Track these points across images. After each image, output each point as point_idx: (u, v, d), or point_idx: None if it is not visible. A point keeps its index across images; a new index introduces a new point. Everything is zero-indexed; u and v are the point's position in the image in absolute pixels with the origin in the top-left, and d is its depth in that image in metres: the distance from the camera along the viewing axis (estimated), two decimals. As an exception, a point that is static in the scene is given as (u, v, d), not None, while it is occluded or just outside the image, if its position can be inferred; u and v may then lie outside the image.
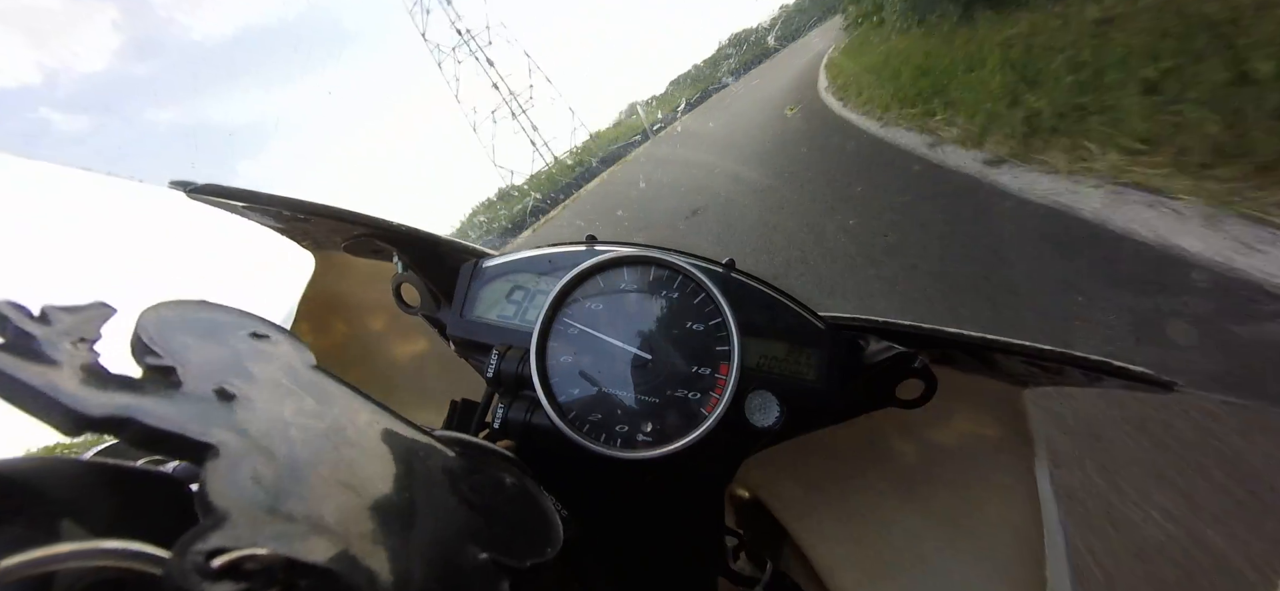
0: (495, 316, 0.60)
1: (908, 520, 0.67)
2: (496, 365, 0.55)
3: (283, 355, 0.29)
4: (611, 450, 0.50)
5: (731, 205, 5.80)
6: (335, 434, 0.26)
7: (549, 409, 0.51)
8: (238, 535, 0.18)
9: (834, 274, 3.29)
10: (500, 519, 0.28)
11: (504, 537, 0.27)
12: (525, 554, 0.27)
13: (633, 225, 7.43)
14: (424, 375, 0.90)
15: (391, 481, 0.25)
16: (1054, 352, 0.50)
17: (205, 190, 0.59)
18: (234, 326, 0.29)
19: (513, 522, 0.28)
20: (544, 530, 0.30)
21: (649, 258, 0.57)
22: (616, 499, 0.55)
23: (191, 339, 0.26)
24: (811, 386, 0.54)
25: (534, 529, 0.29)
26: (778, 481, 0.78)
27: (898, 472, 0.69)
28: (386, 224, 0.64)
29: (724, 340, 0.53)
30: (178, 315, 0.27)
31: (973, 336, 0.52)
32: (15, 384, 0.19)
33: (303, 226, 0.69)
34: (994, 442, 0.62)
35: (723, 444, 0.53)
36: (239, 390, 0.25)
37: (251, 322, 0.30)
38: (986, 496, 0.61)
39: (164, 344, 0.25)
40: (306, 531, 0.20)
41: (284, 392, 0.26)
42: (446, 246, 0.68)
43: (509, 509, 0.29)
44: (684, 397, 0.52)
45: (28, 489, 0.20)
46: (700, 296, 0.55)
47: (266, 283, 14.86)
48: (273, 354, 0.29)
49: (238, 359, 0.27)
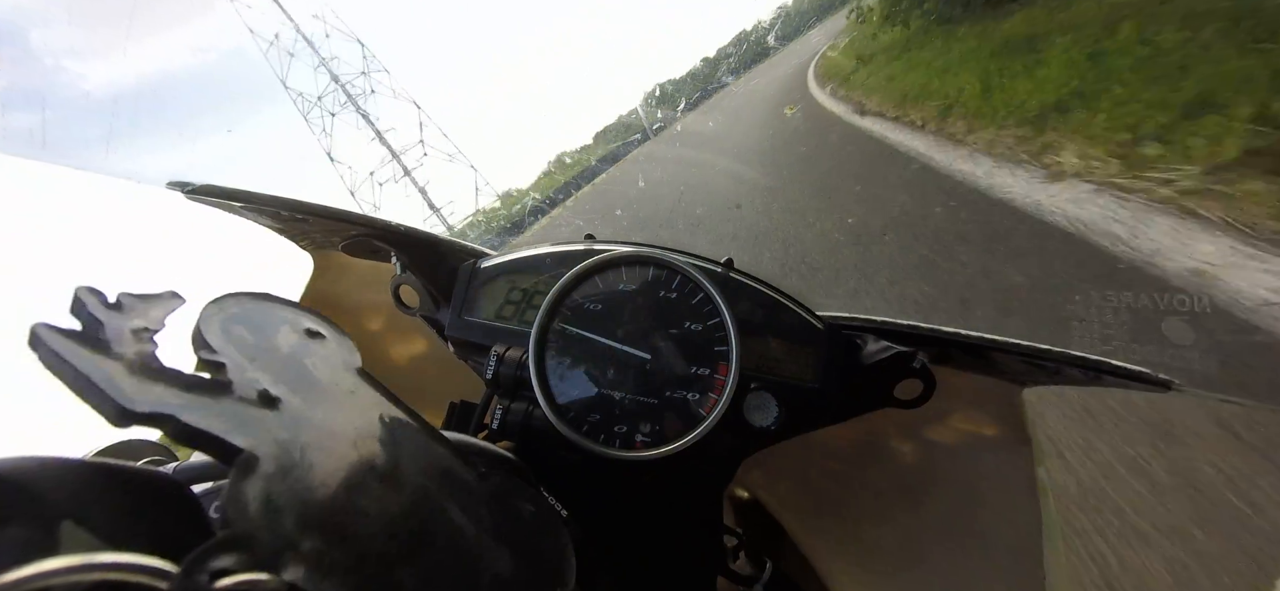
0: (494, 317, 0.60)
1: (906, 519, 0.67)
2: (495, 366, 0.55)
3: (331, 355, 0.30)
4: (610, 450, 0.50)
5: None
6: (365, 446, 0.26)
7: (548, 409, 0.51)
8: (251, 553, 0.18)
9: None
10: (519, 551, 0.28)
11: (522, 574, 0.27)
12: (540, 589, 0.27)
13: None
14: (423, 376, 0.90)
15: (415, 503, 0.25)
16: (1052, 352, 0.50)
17: (203, 190, 0.59)
18: (290, 322, 0.30)
19: (531, 556, 0.28)
20: (561, 567, 0.30)
21: (647, 257, 0.57)
22: (616, 499, 0.55)
23: (247, 334, 0.27)
24: (810, 386, 0.54)
25: (551, 566, 0.30)
26: (777, 481, 0.78)
27: (896, 472, 0.69)
28: (385, 224, 0.64)
29: (723, 340, 0.53)
30: (240, 309, 0.28)
31: (971, 336, 0.52)
32: (72, 371, 0.20)
33: (301, 226, 0.68)
34: (992, 442, 0.62)
35: (722, 444, 0.53)
36: (282, 393, 0.25)
37: (307, 318, 0.31)
38: (985, 495, 0.62)
39: (219, 339, 0.26)
40: (317, 558, 0.20)
41: (325, 397, 0.27)
42: (445, 247, 0.68)
43: (529, 542, 0.29)
44: (683, 398, 0.52)
45: (27, 491, 0.20)
46: (699, 296, 0.55)
47: (265, 283, 14.99)
48: (322, 353, 0.30)
49: (287, 358, 0.27)
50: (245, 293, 0.29)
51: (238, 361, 0.25)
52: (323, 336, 0.31)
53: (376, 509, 0.23)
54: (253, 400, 0.24)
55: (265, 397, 0.24)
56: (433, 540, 0.25)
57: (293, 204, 0.61)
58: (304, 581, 0.19)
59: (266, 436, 0.23)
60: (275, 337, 0.28)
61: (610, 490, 0.55)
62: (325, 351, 0.30)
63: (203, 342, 0.25)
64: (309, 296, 0.79)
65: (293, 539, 0.20)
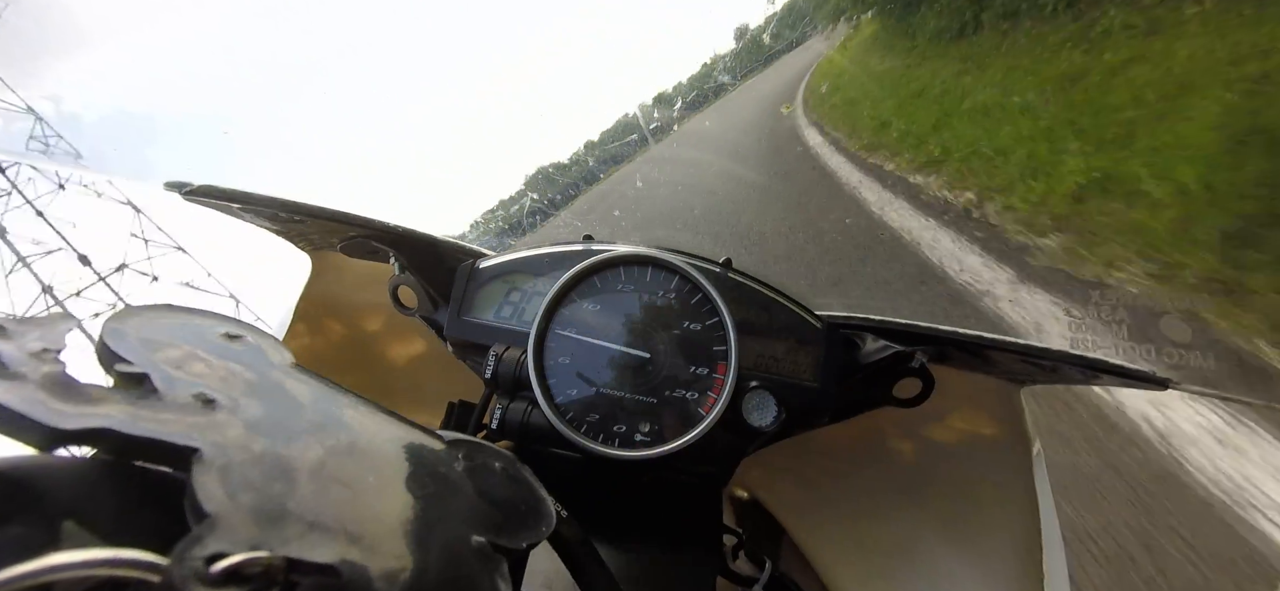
0: (492, 317, 0.60)
1: (906, 518, 0.67)
2: (494, 366, 0.55)
3: (259, 354, 0.29)
4: (609, 450, 0.50)
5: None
6: (321, 430, 0.25)
7: (547, 409, 0.51)
8: (234, 539, 0.18)
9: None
10: (492, 502, 0.28)
11: (498, 521, 0.27)
12: (520, 535, 0.27)
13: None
14: (421, 376, 0.90)
15: (383, 474, 0.25)
16: (1051, 351, 0.50)
17: (201, 191, 0.59)
18: (205, 328, 0.28)
19: (505, 506, 0.28)
20: (537, 510, 0.29)
21: (646, 257, 0.57)
22: (615, 498, 0.55)
23: (162, 344, 0.25)
24: (809, 386, 0.54)
25: (527, 511, 0.29)
26: (776, 481, 0.78)
27: (895, 471, 0.69)
28: (383, 224, 0.64)
29: (721, 340, 0.53)
30: (145, 321, 0.27)
31: (970, 335, 0.52)
32: None
33: (299, 227, 0.68)
34: (991, 440, 0.62)
35: (721, 443, 0.53)
36: (219, 393, 0.24)
37: (223, 323, 0.30)
38: (984, 494, 0.62)
39: (134, 351, 0.24)
40: (304, 530, 0.20)
41: (265, 392, 0.26)
42: (444, 247, 0.67)
43: (500, 493, 0.29)
44: (681, 397, 0.52)
45: (28, 489, 0.20)
46: (697, 296, 0.55)
47: (264, 283, 14.60)
48: (249, 354, 0.28)
49: (213, 362, 0.26)
50: (146, 305, 0.28)
51: (163, 371, 0.24)
52: (244, 338, 0.29)
53: (344, 482, 0.23)
54: (191, 404, 0.23)
55: (203, 400, 0.23)
56: (407, 501, 0.24)
57: (290, 204, 0.61)
58: (296, 552, 0.19)
59: (216, 434, 0.22)
60: (192, 343, 0.27)
61: (609, 489, 0.55)
62: (252, 351, 0.29)
63: (114, 357, 0.24)
64: (307, 297, 0.79)
65: (274, 517, 0.19)
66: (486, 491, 0.28)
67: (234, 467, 0.21)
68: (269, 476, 0.21)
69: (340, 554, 0.20)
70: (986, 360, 0.56)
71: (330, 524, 0.21)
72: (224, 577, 0.17)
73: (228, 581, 0.17)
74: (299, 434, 0.24)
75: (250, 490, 0.20)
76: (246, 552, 0.17)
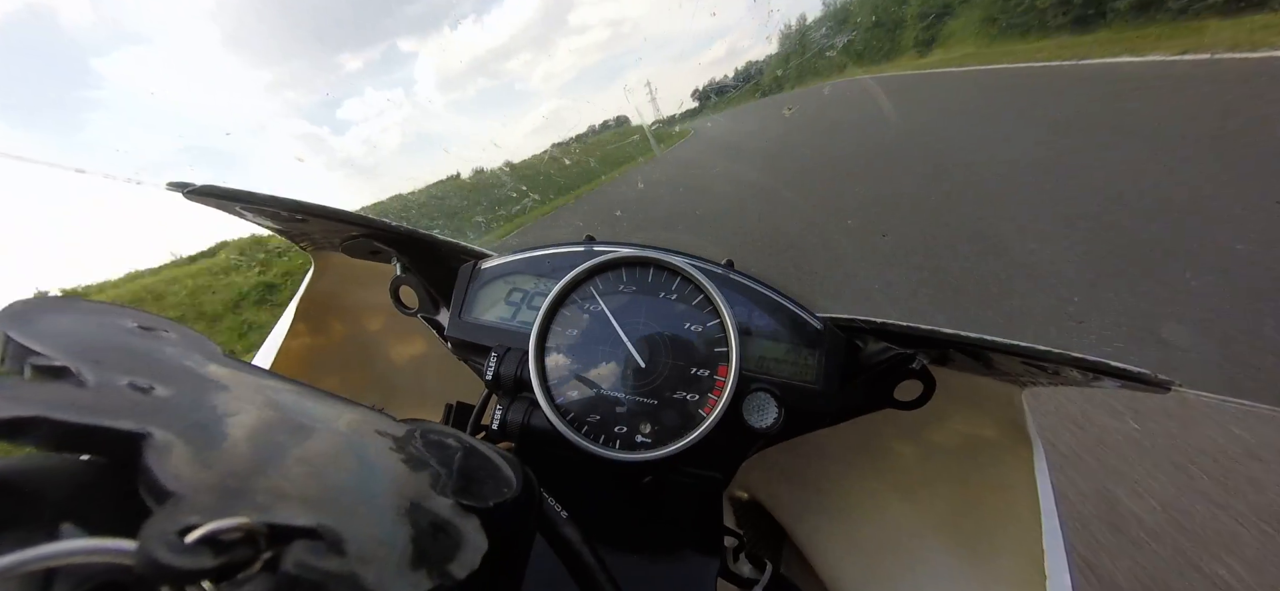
0: (493, 318, 0.60)
1: (906, 521, 0.67)
2: (495, 367, 0.55)
3: (184, 345, 0.27)
4: (610, 451, 0.50)
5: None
6: (269, 411, 0.24)
7: (548, 410, 0.51)
8: (204, 511, 0.17)
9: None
10: (453, 470, 0.27)
11: (462, 485, 0.26)
12: (487, 495, 0.26)
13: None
14: (422, 377, 0.90)
15: (339, 449, 0.24)
16: (1051, 353, 0.50)
17: (203, 191, 0.59)
18: (118, 322, 0.27)
19: (467, 472, 0.28)
20: (498, 473, 0.29)
21: (647, 258, 0.57)
22: (616, 500, 0.55)
23: (77, 336, 0.24)
24: (810, 388, 0.54)
25: (488, 474, 0.28)
26: (776, 482, 0.78)
27: (896, 473, 0.69)
28: (384, 225, 0.64)
29: (722, 341, 0.53)
30: (52, 313, 0.25)
31: (970, 337, 0.52)
32: None
33: (301, 227, 0.68)
34: (992, 443, 0.62)
35: (721, 445, 0.53)
36: (153, 380, 0.22)
37: (134, 315, 0.28)
38: (985, 496, 0.61)
39: (47, 344, 0.22)
40: (272, 500, 0.19)
41: (200, 380, 0.24)
42: (445, 248, 0.67)
43: (459, 461, 0.28)
44: (682, 399, 0.52)
45: (27, 491, 0.19)
46: (699, 297, 0.55)
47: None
48: (173, 345, 0.27)
49: (136, 352, 0.24)
50: (47, 299, 0.26)
51: (85, 360, 0.22)
52: (158, 330, 0.28)
53: (306, 459, 0.22)
54: (126, 391, 0.21)
55: (136, 387, 0.22)
56: (370, 472, 0.24)
57: (292, 204, 0.60)
58: (268, 517, 0.18)
59: (158, 417, 0.20)
60: (110, 336, 0.25)
61: (610, 491, 0.55)
62: (175, 342, 0.27)
63: (23, 351, 0.22)
64: (309, 296, 0.79)
65: (240, 491, 0.19)
66: (445, 460, 0.28)
67: (189, 447, 0.19)
68: (228, 454, 0.20)
69: (317, 518, 0.19)
70: (988, 363, 0.56)
71: (299, 493, 0.20)
72: (199, 546, 0.16)
73: (205, 552, 0.16)
74: (247, 416, 0.23)
75: (210, 468, 0.19)
76: (222, 520, 0.16)
